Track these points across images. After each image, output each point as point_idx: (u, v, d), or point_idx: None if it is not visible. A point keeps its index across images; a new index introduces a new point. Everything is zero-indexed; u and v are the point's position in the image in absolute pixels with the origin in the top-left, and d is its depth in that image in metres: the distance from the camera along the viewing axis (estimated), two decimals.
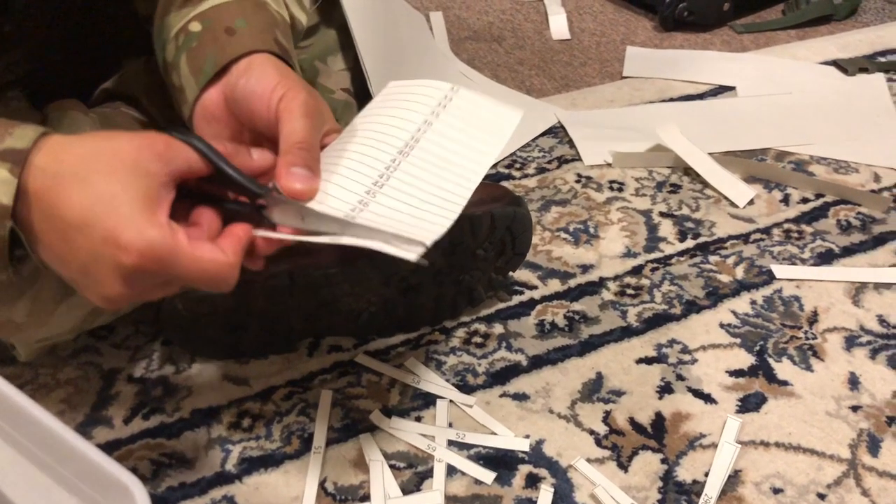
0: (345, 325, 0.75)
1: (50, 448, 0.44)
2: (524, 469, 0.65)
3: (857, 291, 0.82)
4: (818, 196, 0.95)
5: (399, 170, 0.52)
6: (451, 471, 0.65)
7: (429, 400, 0.71)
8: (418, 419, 0.69)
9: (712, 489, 0.64)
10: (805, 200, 0.94)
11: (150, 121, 0.70)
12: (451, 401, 0.70)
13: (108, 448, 0.67)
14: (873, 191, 0.96)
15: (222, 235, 0.49)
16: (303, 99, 0.51)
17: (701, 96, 1.14)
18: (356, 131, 0.54)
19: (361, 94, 0.81)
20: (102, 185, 0.45)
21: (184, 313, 0.70)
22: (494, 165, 0.99)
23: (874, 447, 0.67)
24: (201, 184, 0.50)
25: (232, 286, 0.48)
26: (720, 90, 1.15)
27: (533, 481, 0.64)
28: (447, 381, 0.72)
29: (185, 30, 0.57)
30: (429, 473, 0.65)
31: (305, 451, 0.67)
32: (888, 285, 0.82)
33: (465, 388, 0.72)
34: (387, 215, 0.50)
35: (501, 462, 0.66)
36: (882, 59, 1.22)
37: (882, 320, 0.79)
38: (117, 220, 0.44)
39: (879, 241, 0.88)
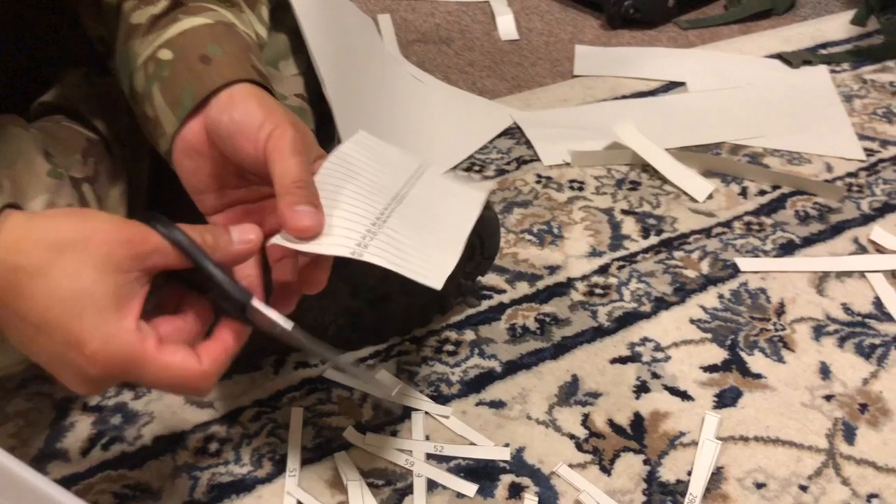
0: None
1: (2, 487, 0.41)
2: (506, 479, 0.64)
3: (821, 281, 0.83)
4: (774, 188, 0.96)
5: (396, 211, 0.52)
6: (432, 485, 0.63)
7: (403, 413, 0.68)
8: (394, 434, 0.67)
9: (696, 488, 0.63)
10: (762, 193, 0.95)
11: (96, 134, 0.66)
12: (426, 412, 0.68)
13: (66, 483, 0.63)
14: (827, 180, 0.97)
15: (208, 340, 0.47)
16: (291, 136, 0.49)
17: (653, 93, 1.14)
18: (343, 174, 0.53)
19: (315, 100, 0.79)
20: (67, 284, 0.42)
21: None
22: (454, 169, 0.98)
23: (850, 435, 0.67)
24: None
25: (206, 394, 0.46)
26: (671, 86, 1.16)
27: (516, 491, 0.63)
28: (421, 392, 0.70)
29: (155, 58, 0.53)
30: (409, 490, 0.63)
31: (278, 473, 0.64)
32: (849, 273, 0.83)
33: (440, 399, 0.70)
34: (395, 245, 0.49)
35: (483, 473, 0.64)
36: (823, 52, 1.25)
37: (847, 308, 0.79)
38: (81, 326, 0.42)
39: (837, 229, 0.89)
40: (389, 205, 0.52)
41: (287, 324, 0.48)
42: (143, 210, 0.64)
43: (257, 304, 0.47)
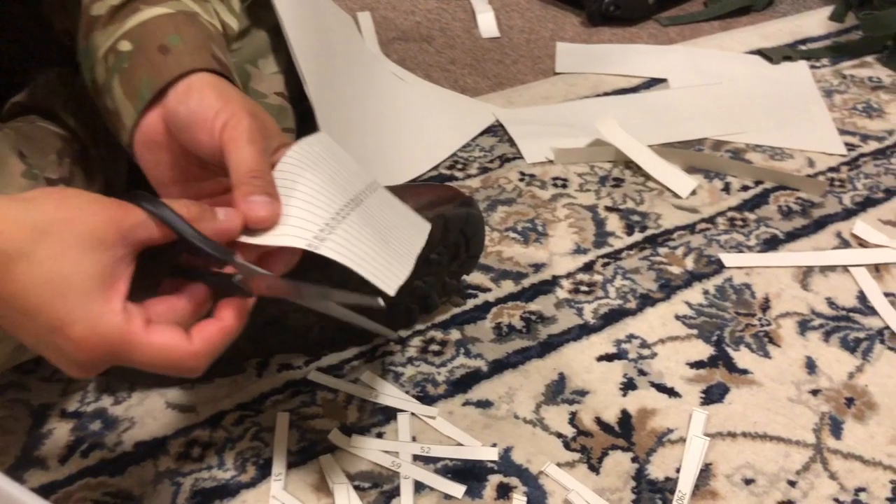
0: (294, 342, 0.71)
1: None
2: (494, 479, 0.63)
3: (805, 275, 0.83)
4: (757, 183, 0.96)
5: (356, 210, 0.51)
6: (419, 487, 0.62)
7: (389, 414, 0.67)
8: (380, 435, 0.66)
9: (685, 485, 0.63)
10: (745, 188, 0.95)
11: (71, 135, 0.65)
12: (412, 413, 0.67)
13: (44, 492, 0.61)
14: (809, 175, 0.97)
15: (203, 322, 0.46)
16: (246, 125, 0.48)
17: (635, 89, 1.14)
18: (305, 165, 0.52)
19: (296, 98, 0.78)
20: (51, 266, 0.41)
21: None
22: (437, 167, 0.97)
23: (836, 430, 0.67)
24: (181, 255, 0.47)
25: (198, 374, 0.46)
26: (652, 83, 1.16)
27: (504, 491, 0.62)
28: (407, 392, 0.69)
29: (115, 50, 0.52)
30: (396, 492, 0.62)
31: (262, 478, 0.63)
32: (833, 268, 0.83)
33: (426, 399, 0.69)
34: (353, 241, 0.49)
35: (470, 474, 0.63)
36: (803, 48, 1.25)
37: (831, 302, 0.79)
38: (66, 309, 0.41)
39: (820, 224, 0.89)
40: (348, 204, 0.51)
41: (273, 275, 0.48)
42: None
43: (241, 262, 0.47)
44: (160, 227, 0.45)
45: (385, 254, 0.51)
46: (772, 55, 1.21)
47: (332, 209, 0.50)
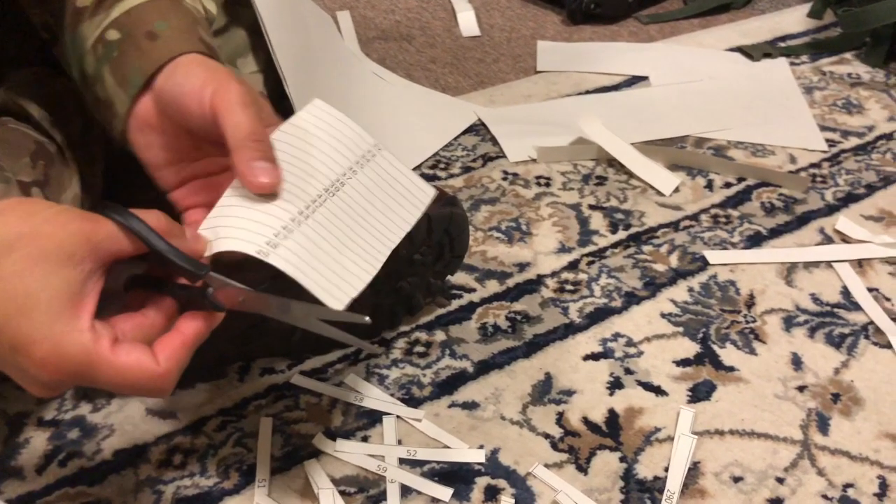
0: (277, 346, 0.70)
1: None
2: (482, 482, 0.62)
3: (789, 272, 0.83)
4: (740, 180, 0.96)
5: (324, 206, 0.50)
6: (406, 491, 0.61)
7: (374, 417, 0.67)
8: (365, 439, 0.65)
9: (674, 484, 0.62)
10: (728, 185, 0.95)
11: (46, 137, 0.64)
12: (397, 416, 0.67)
13: (21, 503, 0.60)
14: (791, 171, 0.97)
15: (164, 337, 0.45)
16: (236, 89, 0.48)
17: (616, 87, 1.14)
18: (283, 151, 0.51)
19: (275, 98, 0.77)
20: (16, 283, 0.40)
21: None
22: (419, 166, 0.96)
23: (823, 426, 0.67)
24: (149, 266, 0.46)
25: (166, 395, 0.45)
26: (634, 80, 1.15)
27: (492, 494, 0.61)
28: (392, 395, 0.68)
29: (103, 39, 0.52)
30: (382, 496, 0.61)
31: (246, 484, 0.61)
32: (816, 263, 0.84)
33: (412, 402, 0.68)
34: (309, 249, 0.47)
35: (457, 476, 0.62)
36: (782, 45, 1.26)
37: (815, 298, 0.79)
38: (31, 328, 0.40)
39: (803, 220, 0.90)
40: (320, 196, 0.50)
41: (250, 290, 0.47)
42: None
43: (217, 276, 0.46)
44: (131, 240, 0.44)
45: (345, 258, 0.49)
46: (752, 52, 1.21)
47: (297, 207, 0.49)
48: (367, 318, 0.47)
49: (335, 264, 0.48)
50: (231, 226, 0.48)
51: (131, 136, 0.52)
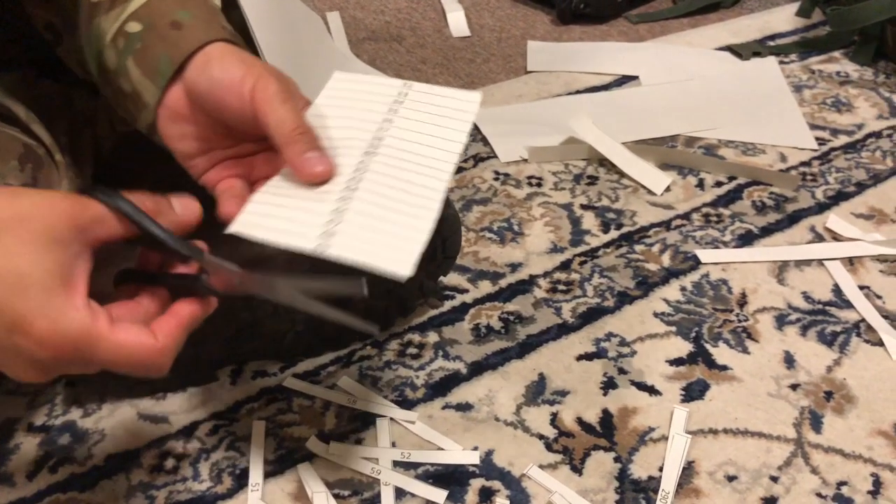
0: (269, 348, 0.70)
1: None
2: (476, 483, 0.62)
3: (781, 270, 0.83)
4: (731, 179, 0.96)
5: (369, 171, 0.50)
6: (400, 494, 0.61)
7: (368, 420, 0.66)
8: (358, 442, 0.65)
9: (668, 484, 0.62)
10: (719, 184, 0.95)
11: (34, 140, 0.63)
12: (391, 418, 0.66)
13: None
14: (782, 170, 0.98)
15: (159, 319, 0.45)
16: (275, 86, 0.48)
17: (606, 87, 1.14)
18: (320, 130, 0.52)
19: None
20: (7, 265, 0.39)
21: None
22: None
23: (817, 424, 0.67)
24: (142, 254, 0.46)
25: (164, 372, 0.44)
26: (624, 80, 1.16)
27: (487, 495, 0.61)
28: (385, 397, 0.68)
29: (123, 32, 0.52)
30: (376, 499, 0.60)
31: (239, 488, 0.61)
32: (808, 262, 0.84)
33: (405, 404, 0.68)
34: (363, 226, 0.47)
35: (452, 478, 0.62)
36: (771, 43, 1.26)
37: (807, 297, 0.80)
38: (28, 306, 0.39)
39: (794, 218, 0.90)
40: (361, 162, 0.50)
41: (247, 272, 0.46)
42: None
43: (212, 258, 0.46)
44: (121, 223, 0.43)
45: (399, 221, 0.47)
46: (741, 51, 1.22)
47: (343, 182, 0.49)
48: (364, 288, 0.45)
49: (392, 227, 0.47)
50: (280, 216, 0.47)
51: (161, 126, 0.52)
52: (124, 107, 0.54)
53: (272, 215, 0.48)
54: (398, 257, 0.45)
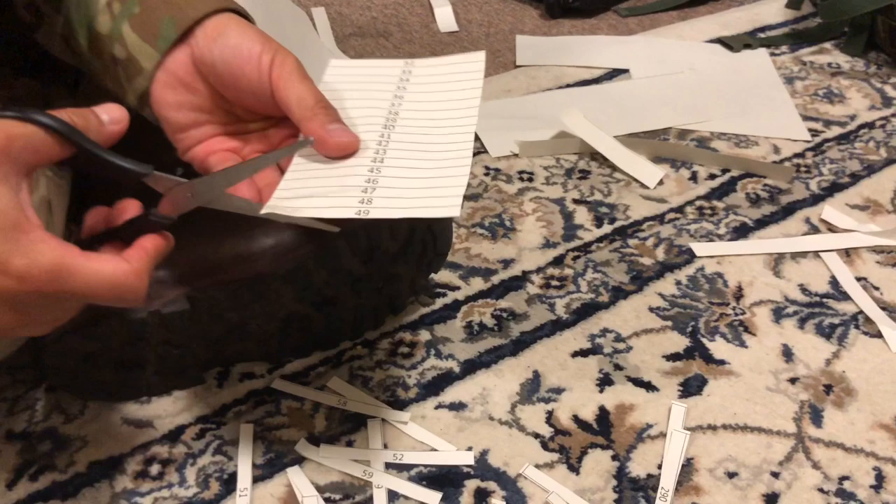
0: (256, 350, 0.68)
1: None
2: (471, 484, 0.60)
3: (776, 262, 0.81)
4: (724, 171, 0.95)
5: (392, 141, 0.50)
6: (393, 496, 0.59)
7: (359, 421, 0.65)
8: (349, 444, 0.63)
9: (668, 481, 0.61)
10: (712, 176, 0.94)
11: None
12: (383, 419, 0.65)
13: None
14: (775, 162, 0.96)
15: (128, 248, 0.44)
16: (293, 62, 0.49)
17: (597, 80, 1.12)
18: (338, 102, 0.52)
19: None
20: None
21: (70, 352, 0.61)
22: None
23: (817, 418, 0.66)
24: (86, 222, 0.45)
25: (142, 297, 0.43)
26: (614, 73, 1.14)
27: (482, 496, 0.60)
28: (376, 398, 0.66)
29: None
30: (368, 502, 0.59)
31: (227, 494, 0.59)
32: (804, 253, 0.83)
33: (397, 404, 0.66)
34: (400, 185, 0.47)
35: (446, 480, 0.61)
36: (762, 35, 1.25)
37: (804, 289, 0.78)
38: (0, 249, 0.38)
39: (789, 210, 0.89)
40: (382, 136, 0.50)
41: (190, 185, 0.45)
42: (68, 221, 0.59)
43: (161, 174, 0.44)
44: (52, 143, 0.41)
45: (435, 173, 0.48)
46: (732, 43, 1.20)
47: (369, 157, 0.49)
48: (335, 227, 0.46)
49: (429, 180, 0.48)
50: (313, 194, 0.47)
51: (157, 93, 0.50)
52: (114, 77, 0.52)
53: (304, 195, 0.48)
54: (443, 201, 0.46)
